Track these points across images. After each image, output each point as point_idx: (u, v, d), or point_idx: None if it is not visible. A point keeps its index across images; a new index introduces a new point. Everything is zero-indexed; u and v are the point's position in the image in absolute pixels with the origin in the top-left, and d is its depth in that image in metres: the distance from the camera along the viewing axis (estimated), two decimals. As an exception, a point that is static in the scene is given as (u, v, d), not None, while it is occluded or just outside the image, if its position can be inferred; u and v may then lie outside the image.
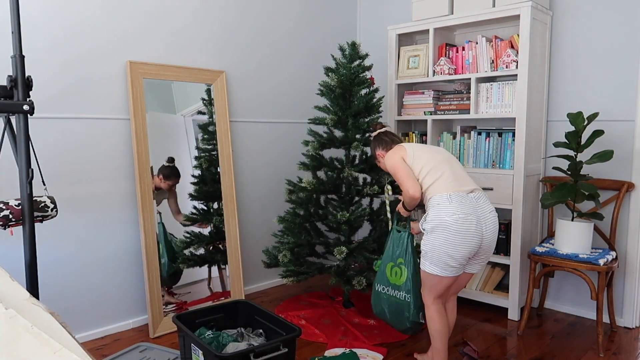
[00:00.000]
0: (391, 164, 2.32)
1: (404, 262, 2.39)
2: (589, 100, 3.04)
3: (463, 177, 2.26)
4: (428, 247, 2.18)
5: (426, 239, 2.20)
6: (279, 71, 3.67)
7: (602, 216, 2.69)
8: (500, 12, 3.00)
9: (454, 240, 2.11)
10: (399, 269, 2.41)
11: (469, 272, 2.30)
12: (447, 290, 2.28)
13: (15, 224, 1.86)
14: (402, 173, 2.26)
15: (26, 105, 1.79)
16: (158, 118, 2.95)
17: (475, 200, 2.18)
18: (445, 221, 2.12)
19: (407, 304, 2.37)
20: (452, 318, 2.40)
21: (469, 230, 2.11)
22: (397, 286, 2.42)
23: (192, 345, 2.08)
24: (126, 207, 2.87)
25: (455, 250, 2.12)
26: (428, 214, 2.20)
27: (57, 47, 2.57)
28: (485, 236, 2.16)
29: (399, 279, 2.41)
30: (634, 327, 2.95)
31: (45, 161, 2.56)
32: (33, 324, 1.08)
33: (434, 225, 2.15)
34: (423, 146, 2.37)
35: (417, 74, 3.46)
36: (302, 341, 2.74)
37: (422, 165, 2.27)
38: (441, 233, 2.13)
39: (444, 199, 2.15)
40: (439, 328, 2.24)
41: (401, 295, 2.39)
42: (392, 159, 2.33)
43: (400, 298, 2.40)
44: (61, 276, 2.64)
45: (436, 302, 2.24)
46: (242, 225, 3.49)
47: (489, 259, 2.36)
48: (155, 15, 2.93)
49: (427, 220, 2.19)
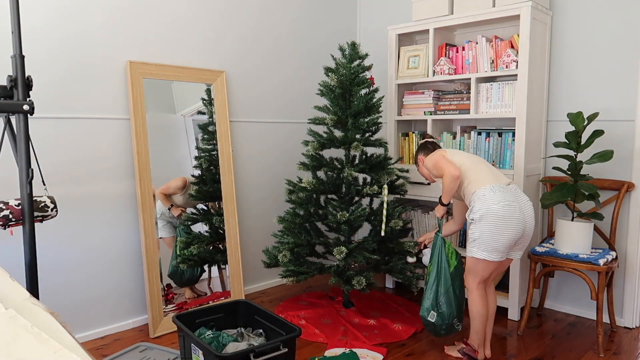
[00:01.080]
0: (433, 159, 2.56)
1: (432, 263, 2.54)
2: (589, 100, 3.04)
3: (498, 172, 2.51)
4: (477, 234, 2.38)
5: (474, 228, 2.39)
6: (278, 71, 3.67)
7: (602, 216, 2.69)
8: (500, 12, 3.00)
9: (501, 225, 2.32)
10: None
11: (510, 258, 2.52)
12: (490, 276, 2.48)
13: (15, 224, 1.86)
14: (442, 161, 2.48)
15: (26, 105, 1.79)
16: (158, 118, 2.95)
17: (514, 191, 2.43)
18: (492, 209, 2.33)
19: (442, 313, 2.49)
20: (493, 302, 2.58)
21: (514, 215, 2.33)
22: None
23: (192, 345, 2.08)
24: (126, 207, 2.87)
25: (502, 235, 2.33)
26: (474, 206, 2.39)
27: (57, 47, 2.57)
28: (526, 222, 2.39)
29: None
30: (634, 327, 2.95)
31: (45, 161, 2.56)
32: (33, 324, 1.08)
33: (482, 214, 2.35)
34: (459, 150, 2.73)
35: (417, 74, 3.46)
36: (302, 341, 2.74)
37: (461, 163, 2.50)
38: (490, 220, 2.33)
39: (487, 191, 2.37)
40: (480, 310, 2.45)
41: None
42: (433, 156, 2.59)
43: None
44: (61, 276, 2.64)
45: (479, 286, 2.45)
46: (242, 225, 3.49)
47: (527, 245, 2.62)
48: (155, 15, 2.93)
49: (474, 211, 2.38)
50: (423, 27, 3.38)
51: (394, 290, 3.61)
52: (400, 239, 3.11)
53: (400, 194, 3.18)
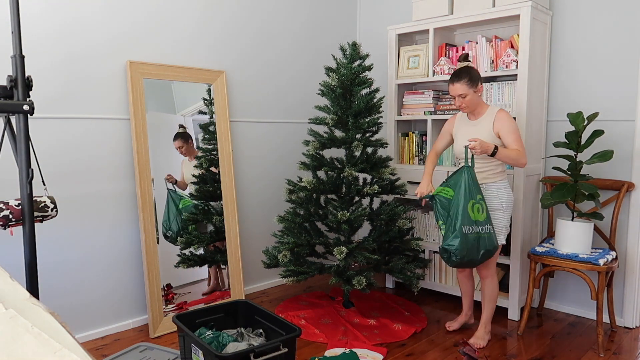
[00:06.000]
0: (515, 125, 2.58)
1: (482, 197, 2.52)
2: (589, 100, 3.04)
3: None
4: (505, 222, 2.62)
5: (501, 216, 2.61)
6: (279, 71, 3.67)
7: (602, 216, 2.69)
8: (500, 12, 3.00)
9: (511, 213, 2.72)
10: (479, 205, 2.50)
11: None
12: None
13: (15, 224, 1.86)
14: (520, 139, 2.56)
15: (26, 105, 1.79)
16: (158, 118, 2.95)
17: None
18: (513, 198, 2.67)
19: (490, 235, 2.51)
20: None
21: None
22: (479, 222, 2.49)
23: (192, 345, 2.08)
24: (126, 207, 2.87)
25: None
26: (504, 194, 2.61)
27: (57, 47, 2.57)
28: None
29: (481, 215, 2.50)
30: (634, 327, 2.95)
31: (45, 161, 2.56)
32: (33, 324, 1.08)
33: (509, 203, 2.62)
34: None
35: (417, 74, 3.46)
36: (302, 341, 2.74)
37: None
38: (511, 209, 2.66)
39: (507, 181, 2.69)
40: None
41: (485, 229, 2.49)
42: (512, 119, 2.59)
43: (484, 232, 2.49)
44: (61, 276, 2.64)
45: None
46: (242, 225, 3.49)
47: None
48: (155, 15, 2.93)
49: (504, 200, 2.60)
50: (423, 27, 3.38)
51: (394, 290, 3.61)
52: (403, 237, 3.12)
53: (400, 194, 3.18)
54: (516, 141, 2.53)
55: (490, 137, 2.58)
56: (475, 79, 2.57)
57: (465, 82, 2.55)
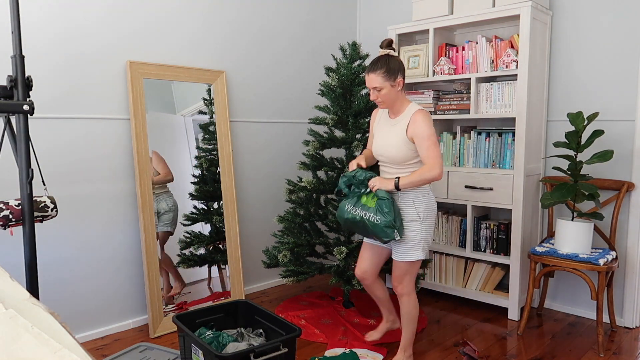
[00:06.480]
0: (431, 130, 2.20)
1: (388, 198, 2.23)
2: (589, 100, 3.04)
3: None
4: (422, 235, 2.28)
5: (418, 228, 2.26)
6: (279, 71, 3.67)
7: (602, 216, 2.69)
8: (500, 12, 3.00)
9: (434, 221, 2.35)
10: (377, 199, 2.26)
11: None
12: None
13: (15, 224, 1.86)
14: (437, 150, 2.20)
15: (26, 105, 1.79)
16: (158, 118, 2.95)
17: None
18: (433, 207, 2.32)
19: (376, 226, 2.22)
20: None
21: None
22: (367, 207, 2.27)
23: (192, 345, 2.08)
24: (126, 207, 2.87)
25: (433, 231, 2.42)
26: (422, 202, 2.28)
27: (57, 47, 2.57)
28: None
29: (371, 202, 2.27)
30: (634, 327, 2.95)
31: (45, 161, 2.56)
32: (33, 324, 1.08)
33: (428, 213, 2.29)
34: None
35: (417, 73, 3.46)
36: (302, 341, 2.74)
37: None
38: (432, 218, 2.31)
39: (429, 189, 2.34)
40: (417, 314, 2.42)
41: (372, 217, 2.23)
42: (429, 122, 2.21)
43: (369, 219, 2.24)
44: (61, 276, 2.64)
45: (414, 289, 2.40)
46: (242, 225, 3.49)
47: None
48: (155, 15, 2.93)
49: (420, 210, 2.27)
50: (423, 27, 3.38)
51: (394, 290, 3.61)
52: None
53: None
54: (429, 148, 2.18)
55: (403, 141, 2.25)
56: (393, 71, 2.22)
57: (382, 74, 2.21)
